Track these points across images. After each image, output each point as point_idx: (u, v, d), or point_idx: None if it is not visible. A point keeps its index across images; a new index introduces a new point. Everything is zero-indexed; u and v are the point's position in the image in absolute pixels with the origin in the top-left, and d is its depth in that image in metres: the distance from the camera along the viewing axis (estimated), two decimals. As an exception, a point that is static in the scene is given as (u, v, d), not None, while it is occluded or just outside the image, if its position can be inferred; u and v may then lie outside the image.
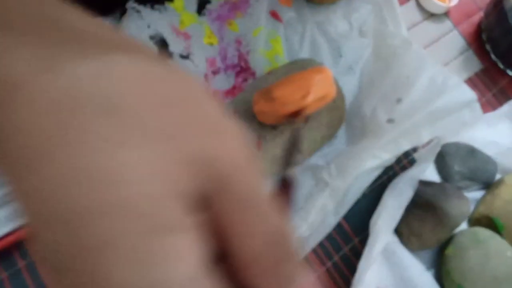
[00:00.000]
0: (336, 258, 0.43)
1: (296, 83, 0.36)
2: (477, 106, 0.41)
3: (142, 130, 0.11)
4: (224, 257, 0.13)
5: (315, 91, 0.35)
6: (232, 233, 0.13)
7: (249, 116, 0.39)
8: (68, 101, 0.11)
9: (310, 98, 0.35)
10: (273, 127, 0.40)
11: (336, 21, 0.52)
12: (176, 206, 0.11)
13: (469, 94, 0.42)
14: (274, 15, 0.48)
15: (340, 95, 0.44)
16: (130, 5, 0.42)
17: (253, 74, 0.46)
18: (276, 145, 0.39)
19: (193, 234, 0.12)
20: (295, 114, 0.37)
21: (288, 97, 0.35)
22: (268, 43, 0.47)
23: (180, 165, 0.11)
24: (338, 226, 0.44)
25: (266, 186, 0.13)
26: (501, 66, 0.57)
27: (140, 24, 0.42)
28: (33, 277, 0.36)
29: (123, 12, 0.42)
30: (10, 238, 0.35)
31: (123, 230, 0.11)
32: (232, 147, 0.13)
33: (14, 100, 0.11)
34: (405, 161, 0.49)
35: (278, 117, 0.37)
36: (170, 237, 0.11)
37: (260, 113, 0.38)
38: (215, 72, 0.45)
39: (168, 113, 0.12)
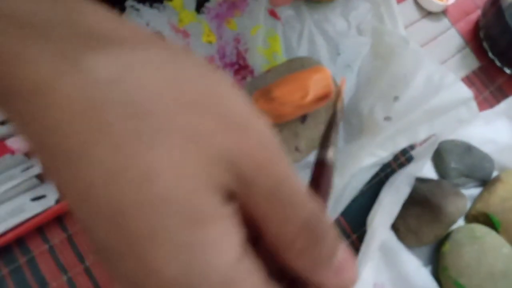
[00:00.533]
0: (333, 254, 0.44)
1: (295, 83, 0.36)
2: (474, 104, 0.42)
3: (171, 131, 0.12)
4: (258, 239, 0.14)
5: (314, 91, 0.35)
6: (264, 222, 0.13)
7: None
8: (95, 104, 0.12)
9: (309, 98, 0.35)
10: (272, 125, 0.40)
11: (334, 19, 0.52)
12: (210, 199, 0.12)
13: (466, 92, 0.42)
14: (273, 13, 0.49)
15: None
16: (129, 3, 0.43)
17: (251, 72, 0.46)
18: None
19: (230, 221, 0.12)
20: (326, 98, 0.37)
21: (287, 96, 0.36)
22: (266, 41, 0.47)
23: (208, 163, 0.12)
24: (336, 223, 0.44)
25: (297, 173, 0.14)
26: (499, 64, 0.57)
27: (139, 22, 0.42)
28: (33, 272, 0.37)
29: (122, 10, 0.43)
30: (11, 235, 0.35)
31: (163, 224, 0.11)
32: (258, 142, 0.13)
33: (46, 103, 0.12)
34: (403, 158, 0.49)
35: (277, 116, 0.37)
36: (209, 226, 0.12)
37: (259, 111, 0.38)
38: (213, 70, 0.45)
39: (194, 113, 0.12)
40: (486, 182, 0.49)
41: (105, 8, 0.14)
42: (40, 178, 0.38)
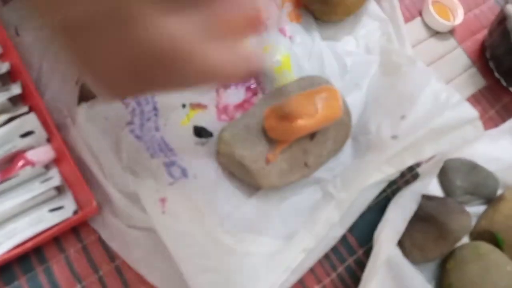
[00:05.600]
0: (340, 269, 0.45)
1: (305, 101, 0.37)
2: (479, 124, 0.43)
3: None
4: None
5: (323, 110, 0.37)
6: None
7: (259, 130, 0.41)
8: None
9: (318, 116, 0.36)
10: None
11: (344, 38, 0.53)
12: None
13: (471, 112, 0.43)
14: (283, 32, 0.50)
15: (346, 111, 0.45)
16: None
17: (262, 89, 0.47)
18: (285, 160, 0.41)
19: None
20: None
21: (297, 115, 0.37)
22: (277, 59, 0.49)
23: None
24: (343, 238, 0.45)
25: None
26: (504, 83, 0.58)
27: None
28: (49, 280, 0.38)
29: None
30: (29, 244, 0.36)
31: None
32: None
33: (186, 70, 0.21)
34: (409, 175, 0.50)
35: (287, 134, 0.38)
36: None
37: (270, 129, 0.39)
38: (226, 87, 0.46)
39: None
40: (490, 200, 0.50)
41: None
42: (58, 189, 0.39)
